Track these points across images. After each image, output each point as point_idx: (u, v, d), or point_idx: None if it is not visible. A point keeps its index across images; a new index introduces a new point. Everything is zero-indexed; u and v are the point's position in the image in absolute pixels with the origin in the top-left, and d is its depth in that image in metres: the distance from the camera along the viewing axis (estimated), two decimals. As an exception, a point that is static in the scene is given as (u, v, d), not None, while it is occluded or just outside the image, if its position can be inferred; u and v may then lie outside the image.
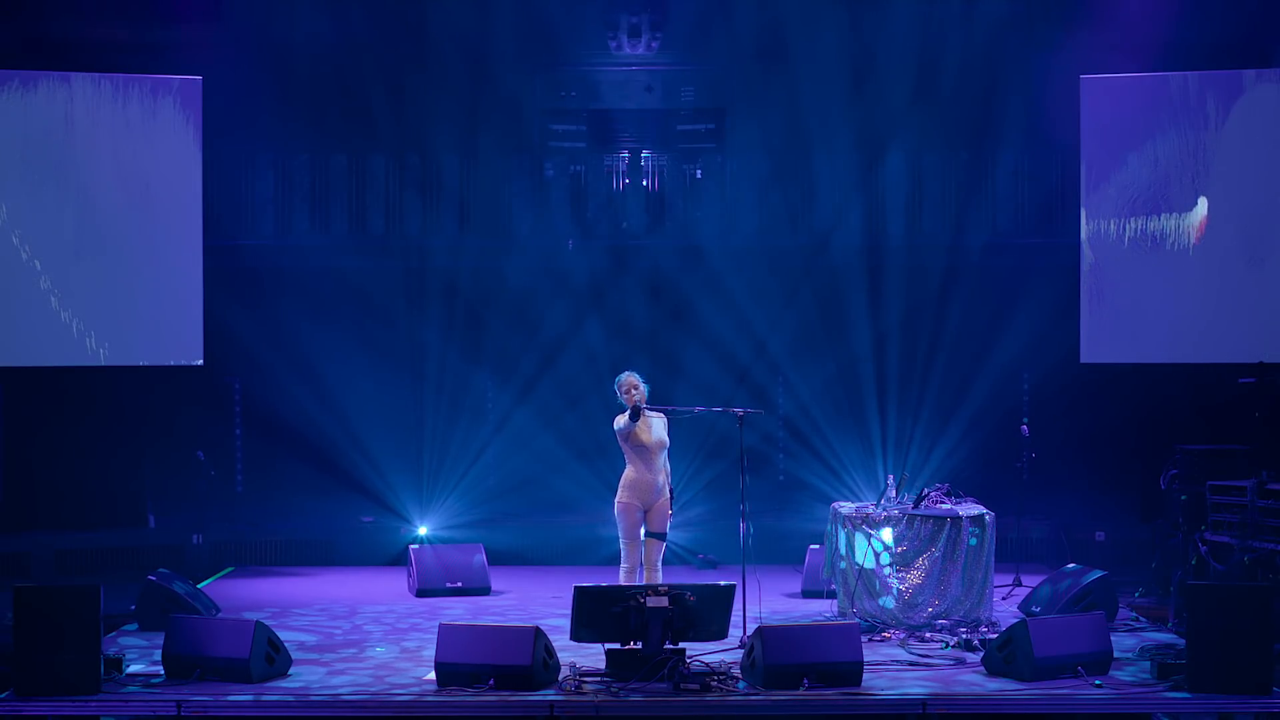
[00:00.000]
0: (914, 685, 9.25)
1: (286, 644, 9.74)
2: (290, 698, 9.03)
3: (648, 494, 10.14)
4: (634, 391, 10.14)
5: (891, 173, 16.09)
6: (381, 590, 12.87)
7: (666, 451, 10.22)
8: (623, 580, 10.11)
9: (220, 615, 11.11)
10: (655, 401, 10.36)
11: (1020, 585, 12.37)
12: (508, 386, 15.97)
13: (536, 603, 12.22)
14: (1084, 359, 14.88)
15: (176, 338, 14.77)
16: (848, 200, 16.03)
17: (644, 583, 9.98)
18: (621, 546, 10.20)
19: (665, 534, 10.19)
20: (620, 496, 10.19)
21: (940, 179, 16.09)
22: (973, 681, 9.38)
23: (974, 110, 15.80)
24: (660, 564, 10.23)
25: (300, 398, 15.53)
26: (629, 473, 10.20)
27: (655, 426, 10.19)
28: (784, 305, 15.98)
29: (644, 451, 10.14)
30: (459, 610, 11.80)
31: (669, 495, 10.20)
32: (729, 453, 13.49)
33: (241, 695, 8.99)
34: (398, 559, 13.76)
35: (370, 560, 14.41)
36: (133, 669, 9.55)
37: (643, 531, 10.18)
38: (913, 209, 16.12)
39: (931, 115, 15.84)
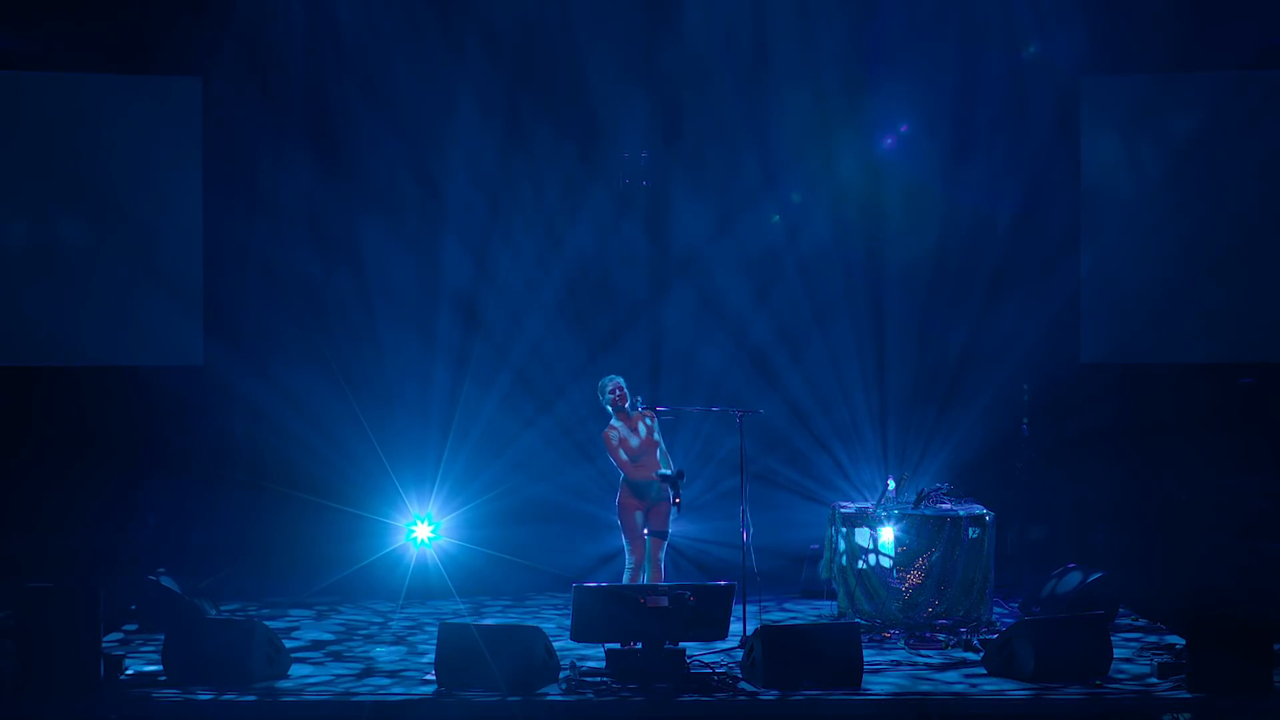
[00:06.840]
0: (914, 685, 9.25)
1: (286, 643, 9.75)
2: (290, 697, 9.04)
3: (646, 493, 10.13)
4: (615, 393, 10.16)
5: (892, 172, 16.08)
6: (381, 590, 12.86)
7: (660, 449, 10.17)
8: (626, 579, 10.11)
9: (220, 615, 11.11)
10: (656, 401, 10.32)
11: (1020, 585, 12.37)
12: (507, 384, 15.94)
13: (536, 602, 12.22)
14: (1084, 359, 14.87)
15: (176, 338, 14.74)
16: (847, 200, 16.02)
17: (648, 580, 9.99)
18: (625, 545, 10.20)
19: (667, 532, 10.18)
20: (620, 497, 10.20)
21: (940, 179, 16.07)
22: (973, 681, 9.38)
23: (974, 110, 15.78)
24: (663, 561, 10.22)
25: (300, 397, 15.51)
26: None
27: (642, 428, 10.13)
28: (783, 305, 15.95)
29: (635, 454, 10.12)
30: (461, 610, 11.81)
31: (670, 492, 10.11)
32: (727, 453, 13.48)
33: (241, 695, 8.99)
34: (398, 559, 13.77)
35: (369, 560, 14.38)
36: (133, 669, 9.55)
37: (645, 530, 10.17)
38: (913, 209, 16.10)
39: (931, 115, 15.83)
